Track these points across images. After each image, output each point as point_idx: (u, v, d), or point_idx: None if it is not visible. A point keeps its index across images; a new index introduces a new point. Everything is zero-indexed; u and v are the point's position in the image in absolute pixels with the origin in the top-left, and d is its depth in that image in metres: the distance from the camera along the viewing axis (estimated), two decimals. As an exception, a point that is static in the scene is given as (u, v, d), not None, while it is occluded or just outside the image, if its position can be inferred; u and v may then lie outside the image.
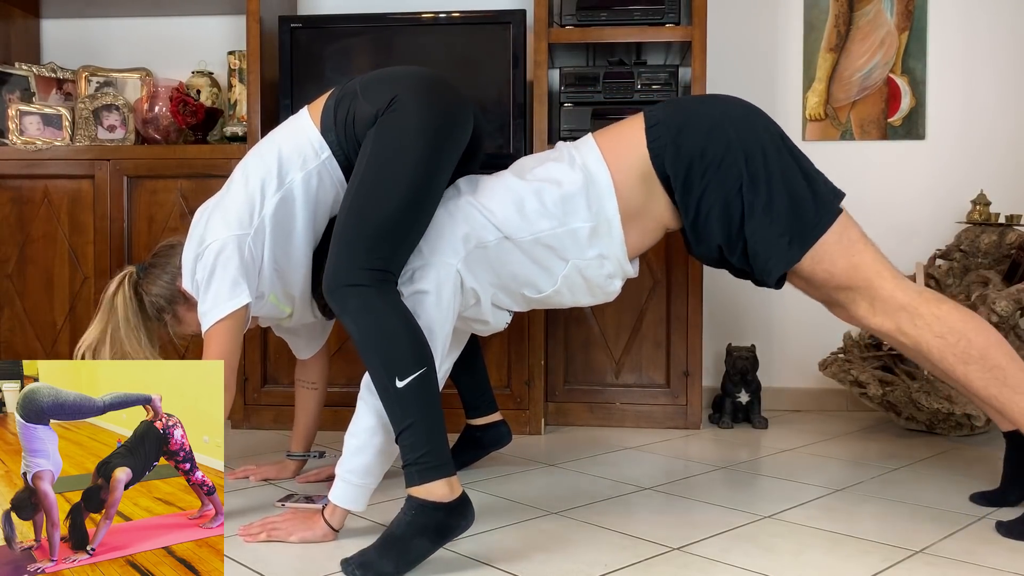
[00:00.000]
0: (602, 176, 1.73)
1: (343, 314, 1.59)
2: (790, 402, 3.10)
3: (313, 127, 1.80)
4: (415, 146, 1.66)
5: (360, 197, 1.64)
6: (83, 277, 2.84)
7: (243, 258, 1.74)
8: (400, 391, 1.53)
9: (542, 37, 2.70)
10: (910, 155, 3.06)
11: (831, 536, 1.70)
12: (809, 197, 1.70)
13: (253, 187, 1.77)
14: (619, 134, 1.78)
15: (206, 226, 1.78)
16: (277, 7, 2.91)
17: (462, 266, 1.72)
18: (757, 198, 1.68)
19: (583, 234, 1.73)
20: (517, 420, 2.66)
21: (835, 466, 2.29)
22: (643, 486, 2.08)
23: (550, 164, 1.79)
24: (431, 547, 1.51)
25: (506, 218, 1.73)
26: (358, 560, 1.49)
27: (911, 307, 1.69)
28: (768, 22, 3.11)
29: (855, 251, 1.72)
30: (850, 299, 1.75)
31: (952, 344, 1.67)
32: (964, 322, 1.68)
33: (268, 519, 1.70)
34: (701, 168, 1.69)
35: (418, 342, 1.57)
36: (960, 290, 2.72)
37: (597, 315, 2.77)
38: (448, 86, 1.80)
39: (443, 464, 1.53)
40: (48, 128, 2.92)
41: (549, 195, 1.73)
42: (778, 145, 1.73)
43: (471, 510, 1.56)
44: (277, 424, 2.71)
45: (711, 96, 1.85)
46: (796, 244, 1.70)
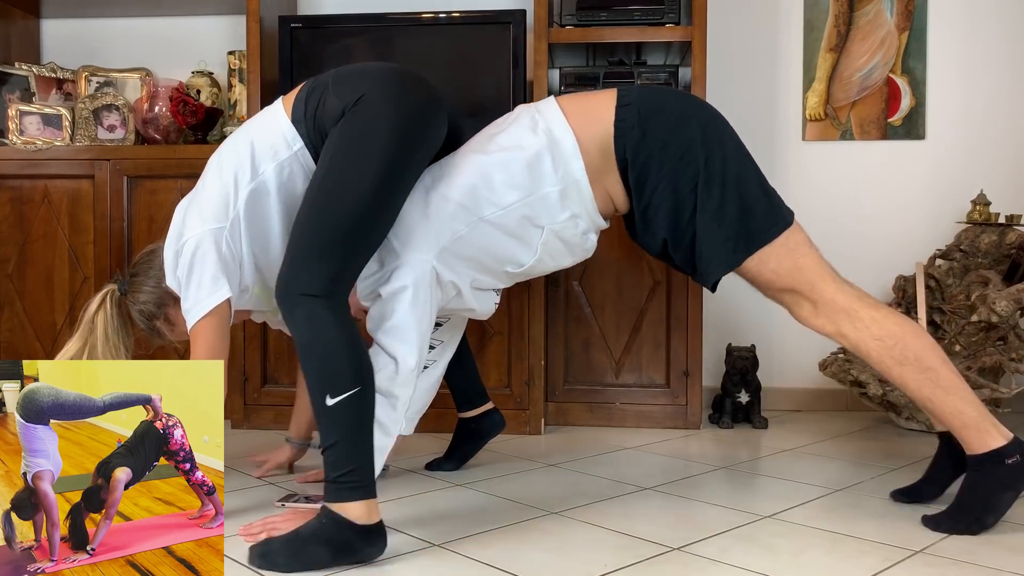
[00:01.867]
0: (567, 139, 1.72)
1: (289, 322, 1.57)
2: (790, 402, 3.10)
3: (286, 118, 1.76)
4: (376, 154, 1.61)
5: (318, 202, 1.60)
6: (83, 277, 2.84)
7: (221, 252, 1.72)
8: (329, 408, 1.52)
9: (542, 37, 2.69)
10: (910, 155, 3.06)
11: (831, 536, 1.70)
12: (761, 208, 1.74)
13: (227, 179, 1.75)
14: (587, 103, 1.78)
15: (184, 221, 1.77)
16: (277, 7, 2.91)
17: (437, 261, 1.71)
18: (710, 199, 1.71)
19: (553, 198, 1.73)
20: (517, 420, 2.66)
21: (835, 466, 2.29)
22: (643, 486, 2.08)
23: (511, 129, 1.78)
24: (329, 559, 1.51)
25: (476, 200, 1.72)
26: (261, 549, 1.52)
27: (851, 310, 1.74)
28: (768, 22, 3.11)
29: (800, 254, 1.75)
30: (794, 301, 1.79)
31: (890, 347, 1.72)
32: (900, 326, 1.74)
33: (268, 519, 1.70)
34: (660, 159, 1.70)
35: (357, 359, 1.54)
36: (960, 290, 2.72)
37: (597, 315, 2.77)
38: (420, 85, 1.75)
39: (364, 486, 1.53)
40: (48, 128, 2.92)
41: (515, 165, 1.72)
42: (740, 154, 1.76)
43: (383, 541, 1.55)
44: (277, 424, 2.71)
45: (686, 94, 1.85)
46: (740, 249, 1.73)
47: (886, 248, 3.06)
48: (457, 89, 2.74)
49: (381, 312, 1.68)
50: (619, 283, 2.76)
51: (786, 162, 3.08)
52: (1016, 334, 2.55)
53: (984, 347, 2.60)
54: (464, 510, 1.89)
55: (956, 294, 2.71)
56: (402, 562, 1.57)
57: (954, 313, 2.70)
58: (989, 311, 2.51)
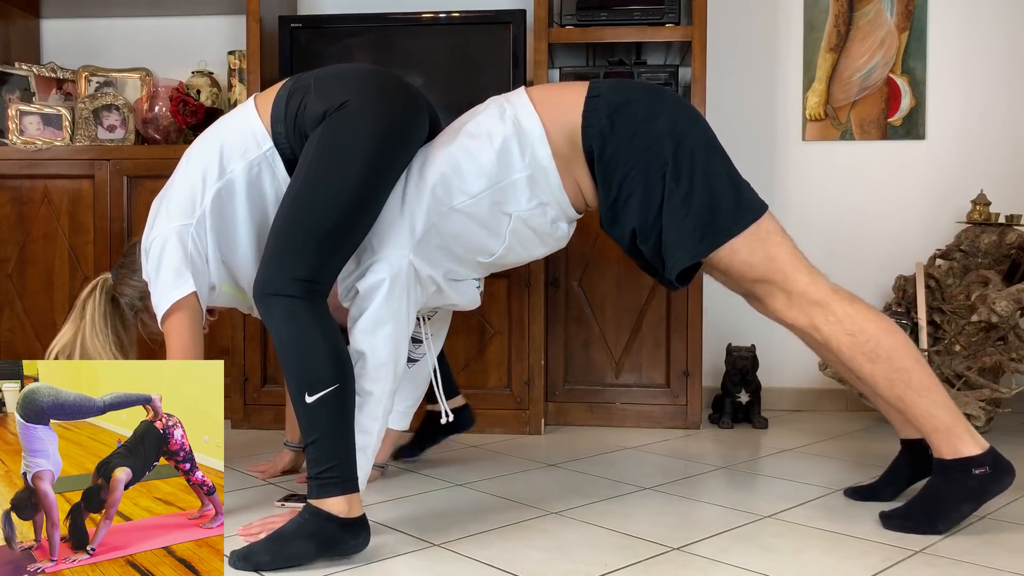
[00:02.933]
0: (534, 126, 1.71)
1: (268, 321, 1.59)
2: (790, 402, 3.10)
3: (257, 118, 1.77)
4: (356, 159, 1.63)
5: (297, 203, 1.62)
6: (83, 277, 2.84)
7: (186, 249, 1.73)
8: (308, 406, 1.54)
9: (542, 37, 2.69)
10: (910, 155, 3.06)
11: (831, 536, 1.70)
12: (730, 199, 1.70)
13: (194, 177, 1.76)
14: (558, 93, 1.78)
15: (155, 218, 1.79)
16: (277, 7, 2.91)
17: (414, 256, 1.71)
18: (678, 188, 1.68)
19: (521, 184, 1.72)
20: (517, 420, 2.66)
21: (835, 466, 2.29)
22: (643, 486, 2.08)
23: (479, 118, 1.78)
24: (314, 553, 1.52)
25: (447, 189, 1.72)
26: (243, 552, 1.52)
27: (825, 303, 1.70)
28: (768, 22, 3.11)
29: (772, 243, 1.72)
30: (767, 292, 1.76)
31: (862, 343, 1.69)
32: (875, 323, 1.70)
33: (268, 519, 1.70)
34: (628, 150, 1.69)
35: (336, 358, 1.56)
36: (960, 290, 2.72)
37: (597, 315, 2.77)
38: (401, 89, 1.77)
39: (346, 481, 1.55)
40: (48, 128, 2.92)
41: (483, 153, 1.72)
42: (711, 147, 1.73)
43: (366, 533, 1.57)
44: (277, 424, 2.71)
45: (658, 88, 1.84)
46: (707, 240, 1.69)
47: (886, 248, 3.06)
48: (457, 89, 2.75)
49: (358, 308, 1.68)
50: (619, 283, 2.76)
51: (786, 162, 3.08)
52: (1016, 334, 2.55)
53: (984, 347, 2.60)
54: (464, 510, 1.89)
55: (956, 294, 2.71)
56: (402, 562, 1.57)
57: (954, 313, 2.70)
58: (989, 311, 2.51)
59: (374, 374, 1.65)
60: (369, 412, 1.64)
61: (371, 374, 1.64)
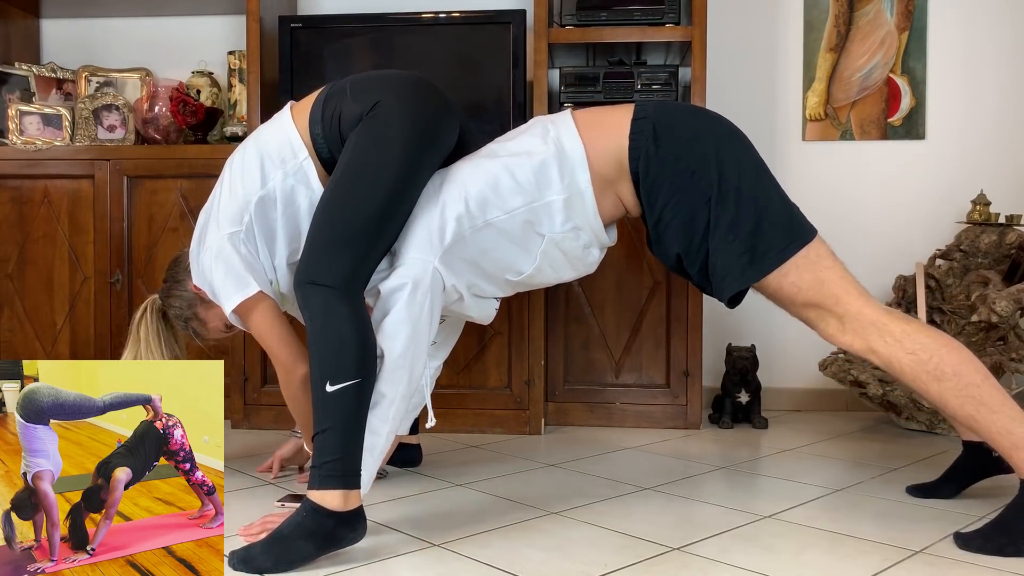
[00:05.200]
0: (576, 150, 1.72)
1: (305, 308, 1.63)
2: (790, 402, 3.10)
3: (292, 127, 1.82)
4: (393, 154, 1.69)
5: (337, 198, 1.68)
6: (83, 277, 2.84)
7: (240, 253, 1.79)
8: (327, 394, 1.56)
9: (542, 37, 2.69)
10: (910, 155, 3.06)
11: (831, 536, 1.70)
12: (779, 224, 1.69)
13: (237, 189, 1.82)
14: (604, 116, 1.78)
15: (204, 230, 1.86)
16: (277, 7, 2.91)
17: (440, 263, 1.71)
18: (724, 214, 1.67)
19: (557, 206, 1.73)
20: (517, 420, 2.66)
21: (835, 466, 2.29)
22: (643, 486, 2.08)
23: (522, 137, 1.79)
24: (315, 552, 1.53)
25: (483, 203, 1.72)
26: (242, 554, 1.51)
27: (880, 323, 1.66)
28: (768, 22, 3.11)
29: (822, 267, 1.69)
30: (819, 316, 1.72)
31: (924, 361, 1.63)
32: (935, 338, 1.64)
33: (267, 518, 1.70)
34: (672, 175, 1.69)
35: (364, 353, 1.59)
36: (960, 290, 2.72)
37: (597, 315, 2.77)
38: (434, 93, 1.82)
39: (348, 475, 1.56)
40: (48, 128, 2.92)
41: (521, 171, 1.73)
42: (757, 170, 1.72)
43: (362, 525, 1.58)
44: (277, 424, 2.71)
45: (703, 110, 1.84)
46: (755, 266, 1.68)
47: (886, 248, 3.06)
48: (457, 89, 2.74)
49: (380, 310, 1.69)
50: (619, 283, 2.76)
51: (786, 162, 3.08)
52: (1016, 334, 2.55)
53: (984, 347, 2.60)
54: (464, 510, 1.89)
55: (956, 294, 2.71)
56: (402, 562, 1.57)
57: (954, 313, 2.70)
58: (989, 311, 2.51)
59: (389, 376, 1.65)
60: (380, 414, 1.64)
61: (387, 376, 1.65)
